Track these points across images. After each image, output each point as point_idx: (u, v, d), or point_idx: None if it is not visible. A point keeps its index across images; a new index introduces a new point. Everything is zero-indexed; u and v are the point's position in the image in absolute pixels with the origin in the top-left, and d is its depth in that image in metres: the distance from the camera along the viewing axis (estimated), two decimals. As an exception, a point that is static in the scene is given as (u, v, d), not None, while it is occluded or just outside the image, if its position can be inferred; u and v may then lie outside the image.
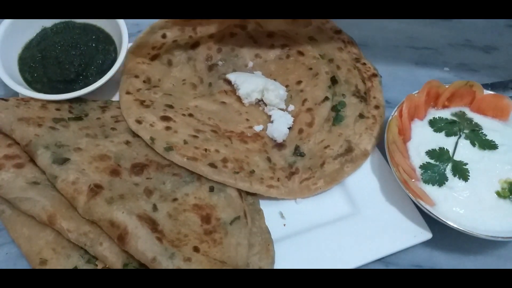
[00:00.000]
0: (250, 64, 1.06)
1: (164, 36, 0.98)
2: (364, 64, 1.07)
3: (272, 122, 0.97)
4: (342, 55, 1.07)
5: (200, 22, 1.00)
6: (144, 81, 0.99)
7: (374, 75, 1.04)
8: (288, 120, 0.96)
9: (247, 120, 0.99)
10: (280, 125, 0.95)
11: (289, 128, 0.96)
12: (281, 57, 1.06)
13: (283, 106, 0.99)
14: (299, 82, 1.02)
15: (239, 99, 1.01)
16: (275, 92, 0.98)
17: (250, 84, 0.99)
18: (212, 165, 0.87)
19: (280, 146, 0.95)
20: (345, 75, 1.03)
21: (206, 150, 0.89)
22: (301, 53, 1.06)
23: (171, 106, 0.96)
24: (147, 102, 0.95)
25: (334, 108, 0.98)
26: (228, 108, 1.00)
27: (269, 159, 0.92)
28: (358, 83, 1.02)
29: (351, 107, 0.98)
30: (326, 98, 0.98)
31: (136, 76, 0.99)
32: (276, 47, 1.07)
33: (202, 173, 0.86)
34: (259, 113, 1.00)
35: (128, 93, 0.97)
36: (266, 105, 1.00)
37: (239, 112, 1.00)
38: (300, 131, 0.96)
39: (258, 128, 0.97)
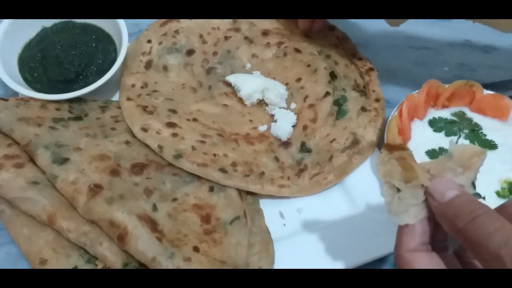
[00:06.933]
0: (248, 65, 1.06)
1: (149, 41, 1.04)
2: (360, 59, 1.08)
3: (275, 121, 0.97)
4: (338, 51, 1.08)
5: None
6: (141, 87, 0.99)
7: (371, 69, 1.05)
8: (291, 118, 0.97)
9: (251, 121, 0.99)
10: (284, 124, 0.95)
11: (293, 126, 0.96)
12: (278, 55, 1.06)
13: (284, 105, 0.99)
14: (298, 80, 1.03)
15: (240, 100, 1.01)
16: (275, 91, 0.98)
17: (250, 84, 0.99)
18: (223, 170, 0.86)
19: (286, 144, 0.95)
20: (343, 70, 1.04)
21: (215, 155, 0.89)
22: (298, 51, 1.06)
23: (174, 111, 0.95)
24: (150, 107, 0.95)
25: (336, 103, 0.99)
26: (230, 110, 1.00)
27: (277, 159, 0.92)
28: (356, 78, 1.03)
29: (352, 101, 0.99)
30: (327, 93, 0.98)
31: (133, 86, 0.99)
32: (273, 46, 1.07)
33: (213, 179, 0.86)
34: (262, 113, 1.00)
35: (129, 99, 0.96)
36: (267, 104, 1.00)
37: (242, 114, 1.00)
38: (305, 127, 0.96)
39: (262, 128, 0.97)
